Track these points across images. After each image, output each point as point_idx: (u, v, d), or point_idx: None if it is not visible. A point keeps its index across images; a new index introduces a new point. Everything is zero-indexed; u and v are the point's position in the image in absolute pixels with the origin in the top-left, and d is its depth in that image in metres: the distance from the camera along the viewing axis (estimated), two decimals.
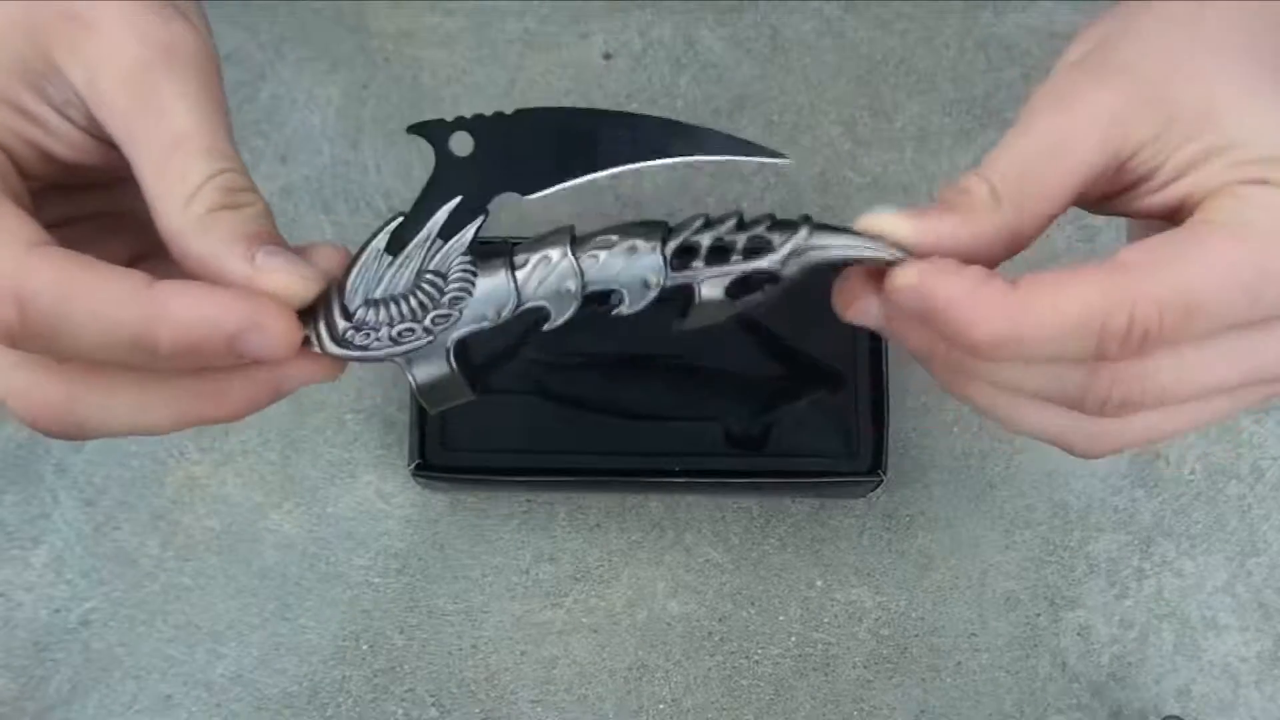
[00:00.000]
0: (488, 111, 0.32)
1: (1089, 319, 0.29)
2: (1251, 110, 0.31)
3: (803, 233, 0.32)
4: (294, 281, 0.30)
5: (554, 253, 0.32)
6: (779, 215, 0.33)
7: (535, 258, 0.32)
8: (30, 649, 0.56)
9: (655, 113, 0.60)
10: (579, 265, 0.32)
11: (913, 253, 0.31)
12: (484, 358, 0.54)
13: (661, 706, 0.56)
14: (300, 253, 0.32)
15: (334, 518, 0.58)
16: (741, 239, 0.33)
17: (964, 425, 0.58)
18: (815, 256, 0.32)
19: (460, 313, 0.32)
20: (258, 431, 0.58)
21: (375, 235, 0.32)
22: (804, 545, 0.58)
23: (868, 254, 0.32)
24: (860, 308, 0.33)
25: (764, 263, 0.32)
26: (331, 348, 0.32)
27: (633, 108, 0.61)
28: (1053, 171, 0.32)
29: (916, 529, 0.58)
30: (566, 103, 0.61)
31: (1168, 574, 0.57)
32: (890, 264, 0.32)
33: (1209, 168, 0.31)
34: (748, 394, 0.55)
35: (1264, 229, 0.30)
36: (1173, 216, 0.32)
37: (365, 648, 0.57)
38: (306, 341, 0.32)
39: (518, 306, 0.33)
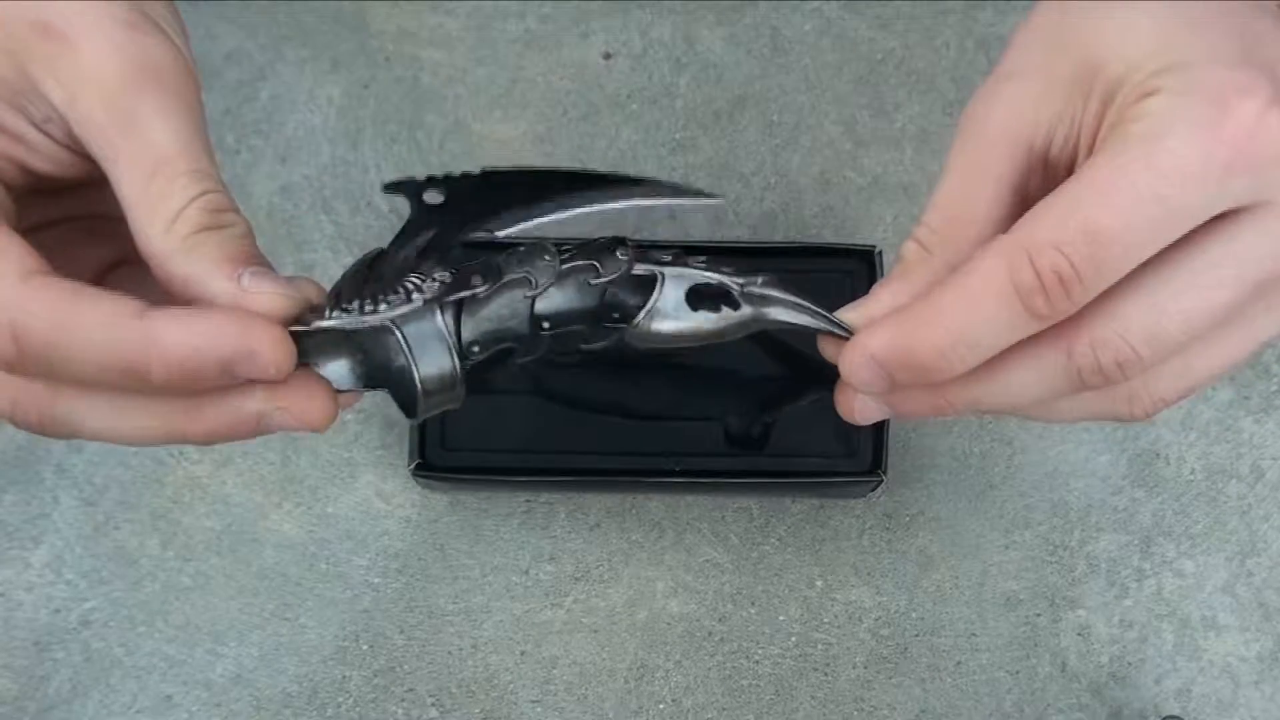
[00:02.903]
0: (472, 169, 0.35)
1: (997, 284, 0.30)
2: (1123, 40, 0.31)
3: (760, 278, 0.36)
4: (280, 302, 0.31)
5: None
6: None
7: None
8: (30, 649, 0.56)
9: (655, 113, 0.61)
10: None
11: None
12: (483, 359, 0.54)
13: (661, 706, 0.56)
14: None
15: (334, 518, 0.58)
16: (704, 260, 0.36)
17: (964, 425, 0.58)
18: (772, 313, 0.35)
19: (443, 283, 0.33)
20: None
21: (353, 267, 0.33)
22: (804, 545, 0.58)
23: (821, 325, 0.35)
24: (861, 410, 0.36)
25: (724, 275, 0.35)
26: (319, 322, 0.32)
27: (633, 108, 0.61)
28: (970, 199, 0.33)
29: (916, 529, 0.58)
30: (567, 102, 0.61)
31: (1168, 574, 0.57)
32: (845, 337, 0.34)
33: (1110, 115, 0.31)
34: (748, 394, 0.55)
35: (1144, 134, 0.29)
36: None
37: (365, 648, 0.57)
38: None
39: (500, 275, 0.34)
